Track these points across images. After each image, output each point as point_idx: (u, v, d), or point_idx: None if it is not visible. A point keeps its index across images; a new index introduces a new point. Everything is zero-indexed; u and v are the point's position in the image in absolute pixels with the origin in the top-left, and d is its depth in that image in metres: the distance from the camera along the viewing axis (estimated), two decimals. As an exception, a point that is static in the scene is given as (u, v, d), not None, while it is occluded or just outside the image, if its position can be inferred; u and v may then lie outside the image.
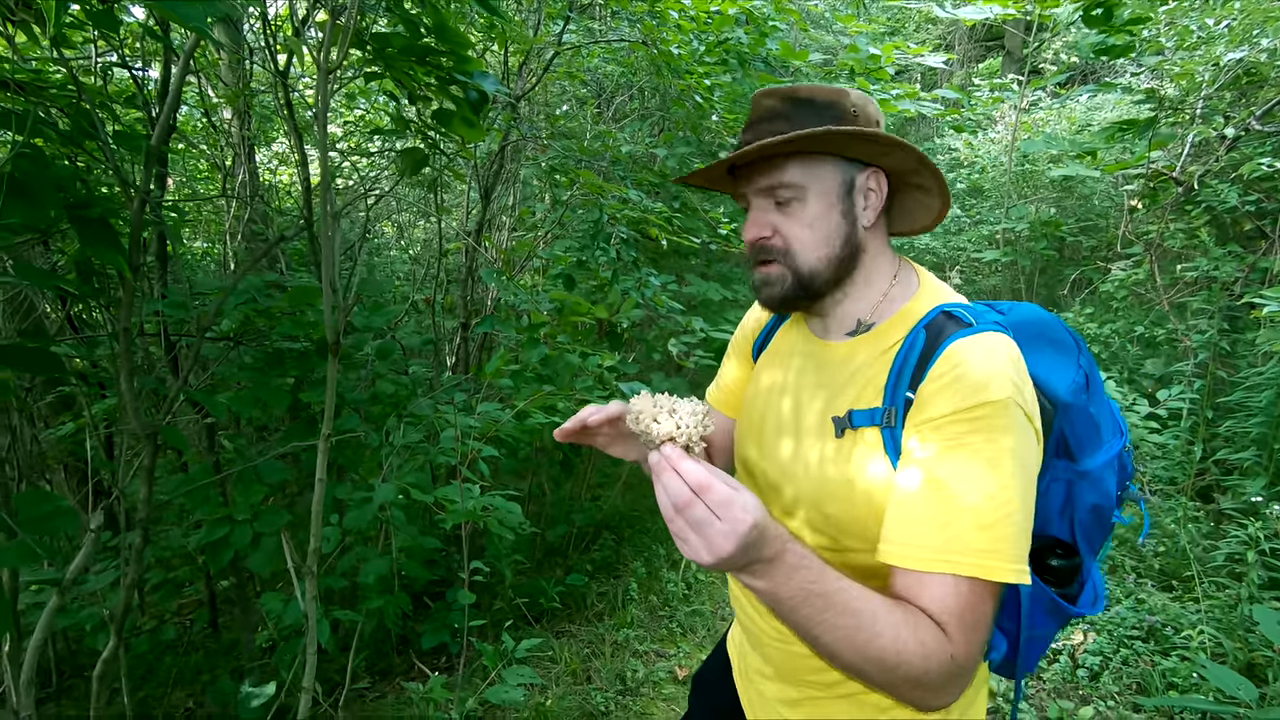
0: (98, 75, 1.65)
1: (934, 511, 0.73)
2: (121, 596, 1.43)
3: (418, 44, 1.61)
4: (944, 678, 0.70)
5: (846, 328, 0.91)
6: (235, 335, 2.17)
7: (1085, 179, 5.29)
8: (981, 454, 0.73)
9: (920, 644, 0.68)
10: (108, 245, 1.18)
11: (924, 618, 0.71)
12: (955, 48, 10.75)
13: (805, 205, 0.86)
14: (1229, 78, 3.16)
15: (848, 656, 0.69)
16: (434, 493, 1.63)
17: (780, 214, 0.88)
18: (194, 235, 4.30)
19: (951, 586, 0.71)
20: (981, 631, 0.72)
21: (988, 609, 0.73)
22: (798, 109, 0.86)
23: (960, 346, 0.78)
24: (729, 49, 3.41)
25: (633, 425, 0.72)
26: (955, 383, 0.76)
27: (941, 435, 0.75)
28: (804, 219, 0.86)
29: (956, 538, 0.72)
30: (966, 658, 0.71)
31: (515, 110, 2.92)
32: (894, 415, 0.80)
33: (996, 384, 0.75)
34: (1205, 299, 3.48)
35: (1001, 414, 0.74)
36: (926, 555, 0.73)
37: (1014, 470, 0.74)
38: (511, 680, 1.70)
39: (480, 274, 2.23)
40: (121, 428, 2.11)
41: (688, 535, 0.64)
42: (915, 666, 0.68)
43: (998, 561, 0.71)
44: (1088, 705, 2.33)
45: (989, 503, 0.72)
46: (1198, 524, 2.92)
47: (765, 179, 0.87)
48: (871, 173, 0.88)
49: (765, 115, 0.87)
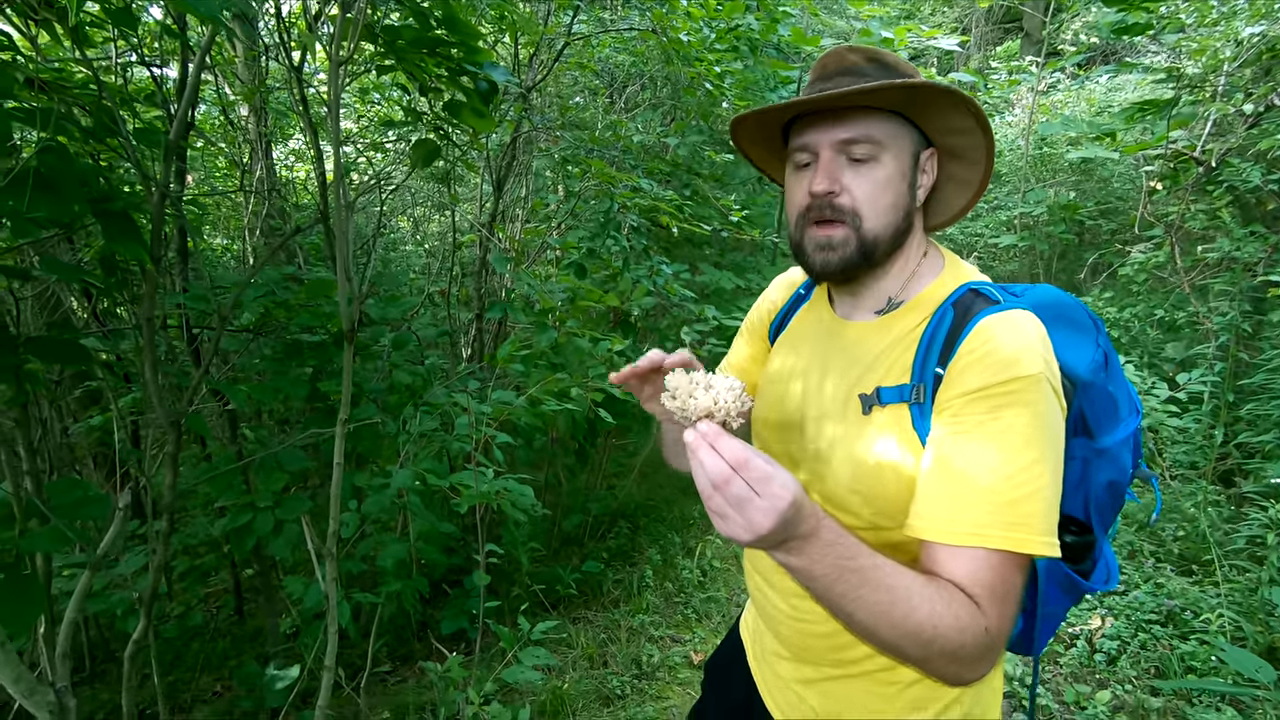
0: (118, 74, 1.69)
1: (965, 486, 0.74)
2: (150, 579, 1.47)
3: (428, 36, 1.63)
4: (979, 650, 0.71)
5: (876, 305, 0.90)
6: (255, 328, 2.22)
7: (1105, 161, 5.20)
8: (1013, 428, 0.74)
9: (955, 617, 0.69)
10: (130, 239, 1.22)
11: (957, 591, 0.71)
12: (972, 31, 10.58)
13: (881, 165, 0.83)
14: (1251, 54, 3.09)
15: (884, 632, 0.69)
16: (450, 478, 1.66)
17: (853, 171, 0.83)
18: (214, 231, 4.38)
19: (984, 560, 0.72)
20: (1012, 603, 0.73)
21: (1018, 581, 0.74)
22: (881, 70, 0.83)
23: (990, 323, 0.78)
24: (739, 35, 3.39)
25: (668, 402, 0.71)
26: (986, 357, 0.76)
27: (973, 410, 0.76)
28: (878, 179, 0.83)
29: (988, 512, 0.72)
30: (999, 630, 0.72)
31: (527, 101, 2.94)
32: (923, 391, 0.80)
33: (1028, 359, 0.75)
34: (1227, 280, 3.41)
35: (1032, 388, 0.75)
36: (959, 529, 0.73)
37: (1044, 444, 0.74)
38: (527, 661, 1.73)
39: (491, 261, 2.26)
40: (147, 417, 2.16)
41: (727, 512, 0.64)
42: (951, 640, 0.69)
43: (1028, 534, 0.72)
44: (1105, 689, 2.32)
45: (1020, 476, 0.73)
46: (1218, 508, 2.88)
47: (846, 130, 0.82)
48: (931, 152, 0.87)
49: (848, 69, 0.84)
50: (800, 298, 1.06)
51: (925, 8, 9.46)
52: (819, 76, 0.86)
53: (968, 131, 0.85)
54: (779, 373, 1.01)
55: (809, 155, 0.85)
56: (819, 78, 0.86)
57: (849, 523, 0.87)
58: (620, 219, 2.65)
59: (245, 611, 2.96)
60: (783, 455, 0.97)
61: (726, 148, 3.53)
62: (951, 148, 0.88)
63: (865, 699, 0.91)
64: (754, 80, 3.72)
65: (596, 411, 1.97)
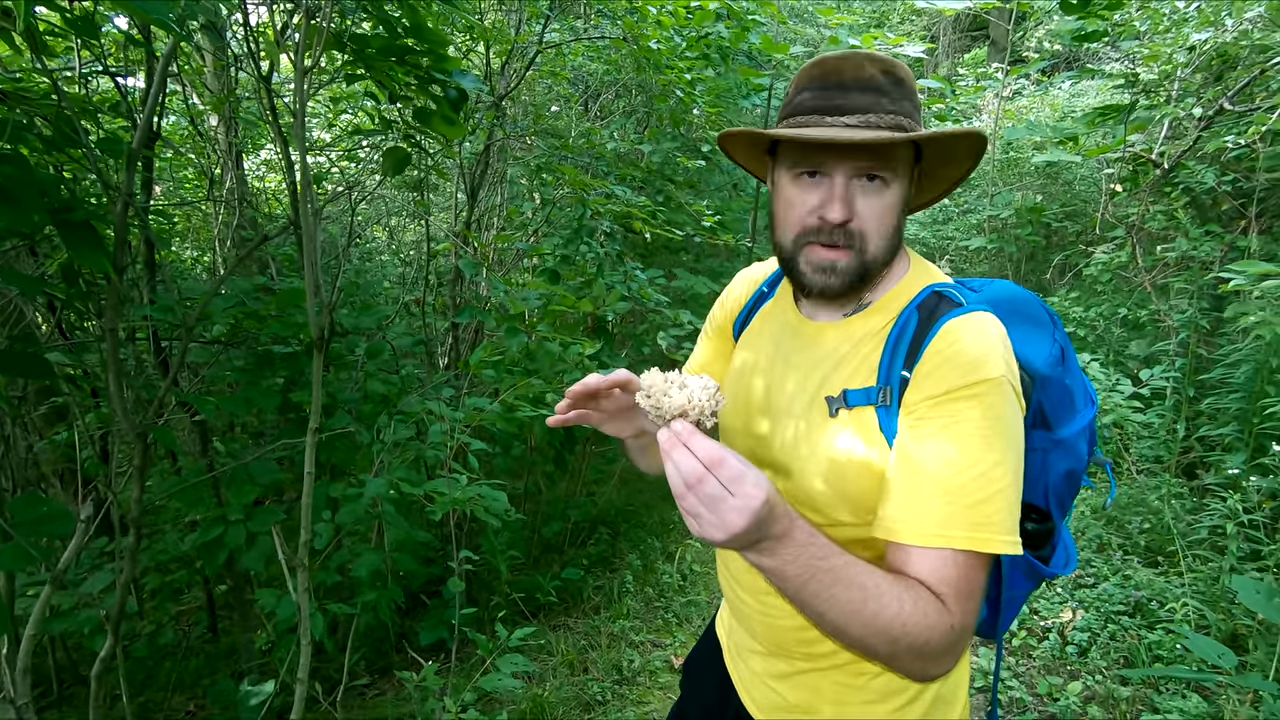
0: (80, 83, 1.67)
1: (931, 488, 0.75)
2: (117, 596, 1.45)
3: (396, 44, 1.64)
4: (944, 646, 0.73)
5: (845, 309, 0.91)
6: (225, 339, 2.20)
7: (1069, 165, 5.33)
8: (977, 430, 0.76)
9: (923, 615, 0.71)
10: (92, 249, 1.21)
11: (923, 589, 0.73)
12: (940, 39, 10.80)
13: (890, 192, 0.82)
14: (1202, 60, 3.20)
15: (855, 630, 0.71)
16: (424, 486, 1.66)
17: (863, 196, 0.81)
18: (184, 243, 4.32)
19: (950, 559, 0.74)
20: (976, 600, 0.76)
21: (982, 578, 0.76)
22: (897, 88, 0.82)
23: (955, 326, 0.80)
24: (710, 43, 3.43)
25: (642, 401, 0.70)
26: (950, 360, 0.78)
27: (938, 413, 0.77)
28: (887, 204, 0.82)
29: (954, 514, 0.74)
30: (964, 626, 0.74)
31: (500, 109, 2.95)
32: (889, 394, 0.82)
33: (991, 362, 0.77)
34: (1186, 279, 3.52)
35: (994, 391, 0.77)
36: (926, 531, 0.75)
37: (1007, 445, 0.76)
38: (506, 669, 1.72)
39: (460, 265, 2.26)
40: (115, 431, 2.13)
41: (700, 512, 0.64)
42: (918, 637, 0.71)
43: (992, 534, 0.74)
44: (1076, 680, 2.37)
45: (984, 478, 0.75)
46: (1181, 500, 2.96)
47: (869, 161, 0.80)
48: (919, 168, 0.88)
49: (867, 84, 0.81)
50: (764, 295, 1.06)
51: (894, 16, 9.64)
52: (834, 84, 0.81)
53: (960, 163, 0.87)
54: (742, 370, 1.01)
55: (819, 173, 0.82)
56: (834, 85, 0.81)
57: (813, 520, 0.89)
58: (593, 225, 2.66)
59: (219, 628, 2.91)
60: (745, 453, 0.98)
61: (699, 154, 3.57)
62: (936, 171, 0.90)
63: (836, 690, 0.93)
64: (726, 87, 3.77)
65: (572, 417, 1.98)
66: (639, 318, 3.93)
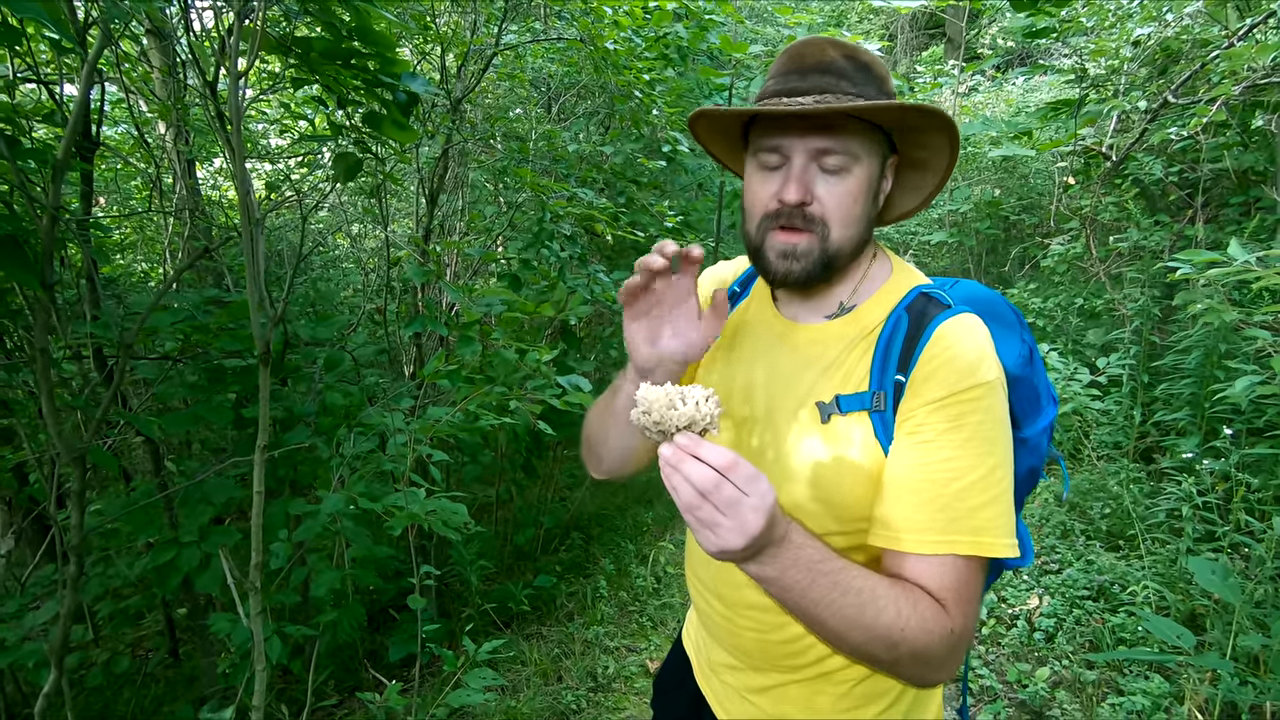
0: (3, 90, 1.59)
1: (933, 494, 0.74)
2: (60, 627, 1.38)
3: (341, 47, 1.59)
4: (946, 651, 0.72)
5: (826, 310, 0.89)
6: (175, 354, 2.12)
7: (1024, 159, 5.45)
8: (977, 435, 0.75)
9: (922, 619, 0.70)
10: (16, 264, 1.15)
11: (922, 594, 0.72)
12: (898, 37, 10.98)
13: (853, 177, 0.80)
14: (1146, 54, 3.29)
15: (855, 636, 0.69)
16: (383, 500, 1.62)
17: (824, 181, 0.80)
18: (135, 256, 4.18)
19: (951, 565, 0.73)
20: (975, 604, 0.75)
21: (981, 581, 0.76)
22: (860, 73, 0.80)
23: (948, 329, 0.79)
24: (669, 44, 3.43)
25: (641, 419, 0.66)
26: (948, 365, 0.77)
27: (936, 419, 0.76)
28: (850, 190, 0.80)
29: (956, 519, 0.73)
30: (964, 630, 0.73)
31: (458, 112, 2.90)
32: (883, 399, 0.80)
33: (986, 366, 0.77)
34: (1138, 268, 3.61)
35: (991, 394, 0.76)
36: (928, 538, 0.74)
37: (1003, 448, 0.76)
38: (475, 683, 1.69)
39: (408, 273, 2.21)
40: (47, 453, 2.04)
41: (718, 519, 0.62)
42: (919, 642, 0.70)
43: (994, 538, 0.74)
44: (1044, 666, 2.41)
45: (984, 482, 0.74)
46: (1140, 484, 3.03)
47: (824, 140, 0.78)
48: (895, 160, 0.86)
49: (828, 67, 0.79)
50: (736, 294, 1.01)
51: (852, 15, 9.77)
52: (794, 69, 0.81)
53: (938, 149, 0.85)
54: (722, 372, 0.97)
55: (779, 157, 0.81)
56: (794, 70, 0.81)
57: None
58: (554, 228, 2.63)
59: (181, 653, 2.82)
60: None
61: (661, 155, 3.56)
62: (916, 160, 0.87)
63: (816, 699, 0.91)
64: (686, 88, 3.76)
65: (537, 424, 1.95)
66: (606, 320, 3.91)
